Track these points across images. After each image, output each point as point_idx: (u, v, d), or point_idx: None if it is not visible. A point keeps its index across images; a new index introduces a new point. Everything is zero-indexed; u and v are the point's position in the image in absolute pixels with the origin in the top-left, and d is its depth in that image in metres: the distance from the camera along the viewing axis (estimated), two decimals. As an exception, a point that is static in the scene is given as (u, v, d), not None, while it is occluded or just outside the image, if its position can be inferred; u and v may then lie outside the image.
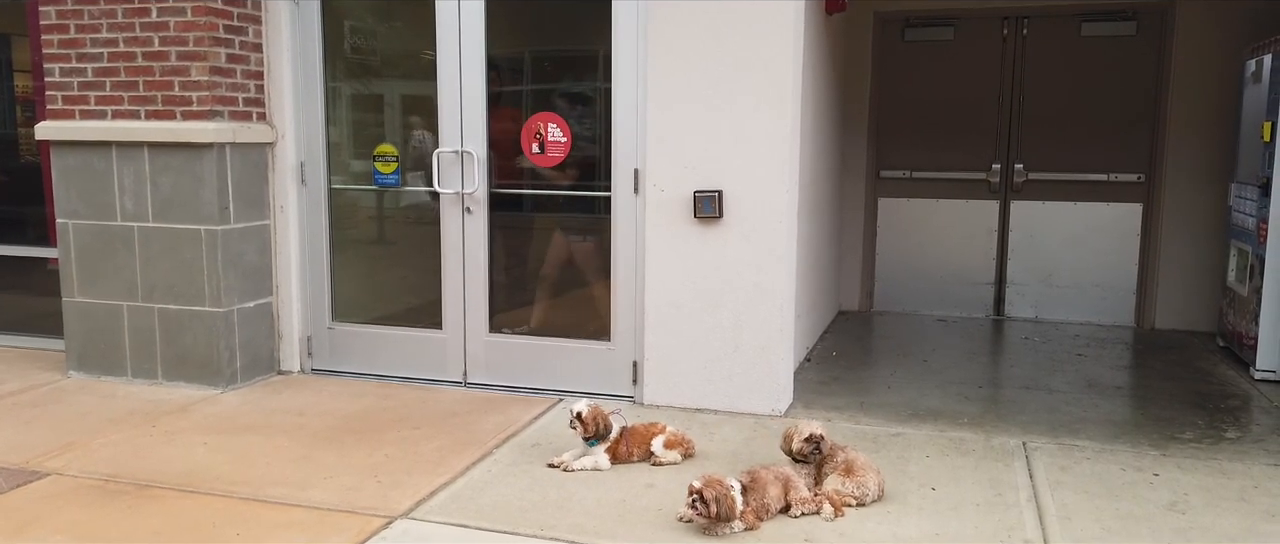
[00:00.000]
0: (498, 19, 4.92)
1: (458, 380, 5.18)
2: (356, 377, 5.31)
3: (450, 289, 5.14)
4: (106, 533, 3.37)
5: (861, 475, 3.57)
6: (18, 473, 3.93)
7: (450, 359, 5.20)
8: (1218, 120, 6.38)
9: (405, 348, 5.28)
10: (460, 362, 5.19)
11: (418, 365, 5.25)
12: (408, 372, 5.27)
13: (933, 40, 7.04)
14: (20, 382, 5.30)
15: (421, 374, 5.23)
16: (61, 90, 5.17)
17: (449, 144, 5.01)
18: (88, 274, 5.28)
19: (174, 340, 5.16)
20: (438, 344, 5.20)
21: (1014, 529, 3.38)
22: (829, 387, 5.23)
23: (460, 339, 5.17)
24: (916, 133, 7.14)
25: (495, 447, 4.22)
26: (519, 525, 3.41)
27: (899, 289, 7.33)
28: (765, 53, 4.42)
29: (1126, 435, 4.39)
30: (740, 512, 3.28)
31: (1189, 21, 6.41)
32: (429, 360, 5.23)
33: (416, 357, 5.25)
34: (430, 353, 5.22)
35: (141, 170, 5.07)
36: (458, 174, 5.01)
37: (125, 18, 4.99)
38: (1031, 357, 5.96)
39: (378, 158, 5.28)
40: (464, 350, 5.17)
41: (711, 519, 3.24)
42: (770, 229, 4.53)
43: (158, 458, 4.10)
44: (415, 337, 5.26)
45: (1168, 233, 6.63)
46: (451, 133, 5.01)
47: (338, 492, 3.71)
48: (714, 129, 4.53)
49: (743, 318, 4.61)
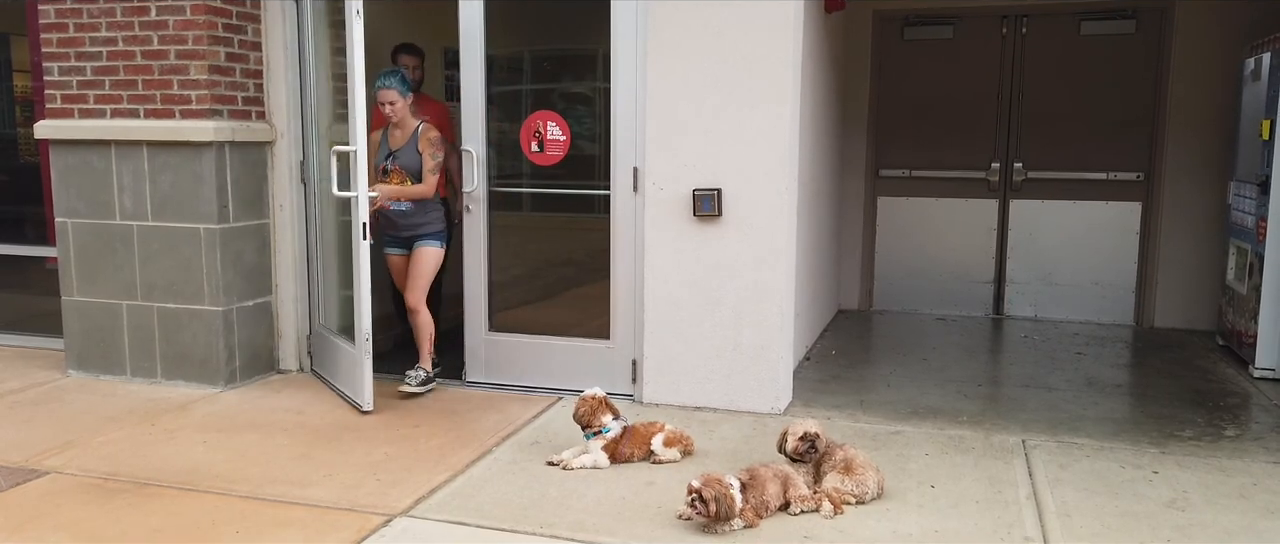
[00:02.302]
0: (497, 18, 4.92)
1: (456, 378, 5.18)
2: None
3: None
4: (106, 531, 3.37)
5: (861, 473, 3.56)
6: (17, 471, 3.93)
7: (453, 356, 5.20)
8: (1217, 118, 6.38)
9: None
10: (459, 359, 5.18)
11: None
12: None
13: (932, 39, 7.04)
14: (19, 380, 5.30)
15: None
16: (60, 89, 5.17)
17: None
18: (87, 273, 5.27)
19: (173, 339, 5.15)
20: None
21: (1013, 526, 3.38)
22: (828, 385, 5.23)
23: (460, 338, 5.17)
24: (916, 131, 7.14)
25: (495, 445, 4.22)
26: (519, 523, 3.41)
27: (898, 288, 7.33)
28: (764, 51, 4.42)
29: (1126, 433, 4.39)
30: (739, 509, 3.28)
31: (1188, 20, 6.42)
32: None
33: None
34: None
35: (140, 169, 5.07)
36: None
37: (124, 16, 4.99)
38: (1031, 355, 5.96)
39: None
40: (464, 348, 5.17)
41: (711, 518, 3.24)
42: (769, 227, 4.53)
43: (157, 456, 4.10)
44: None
45: (1167, 231, 6.63)
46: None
47: (337, 489, 3.71)
48: (713, 127, 4.53)
49: (742, 316, 4.61)
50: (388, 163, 4.81)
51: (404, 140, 4.81)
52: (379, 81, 4.68)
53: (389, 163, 4.81)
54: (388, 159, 4.81)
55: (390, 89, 4.68)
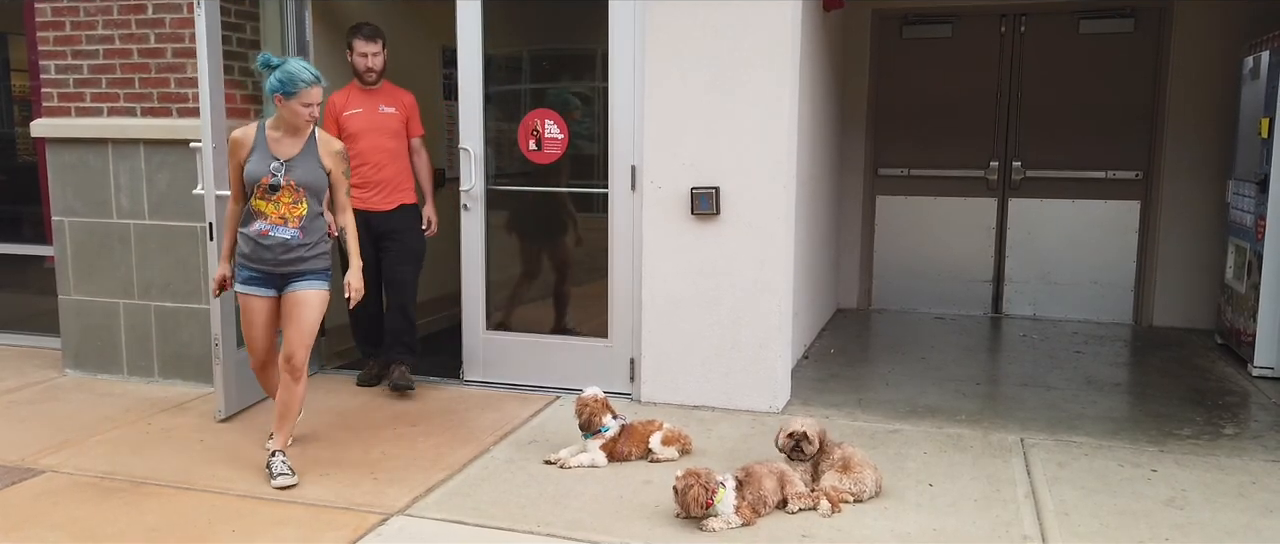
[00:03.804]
0: (495, 18, 4.91)
1: (454, 377, 5.17)
2: (353, 373, 5.30)
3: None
4: (102, 530, 3.36)
5: (858, 471, 3.56)
6: (13, 470, 3.92)
7: (447, 356, 5.19)
8: (1216, 117, 6.37)
9: (402, 345, 5.27)
10: (457, 358, 5.18)
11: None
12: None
13: (931, 37, 7.04)
14: (16, 379, 5.29)
15: (418, 371, 5.21)
16: (57, 87, 5.16)
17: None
18: (84, 272, 5.27)
19: (170, 338, 5.15)
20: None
21: (1012, 525, 3.37)
22: (827, 384, 5.23)
23: (458, 336, 5.16)
24: (914, 130, 7.13)
25: (492, 444, 4.22)
26: (516, 521, 3.40)
27: (897, 287, 7.33)
28: (763, 49, 4.41)
29: (1124, 432, 4.38)
30: (735, 507, 3.28)
31: (1187, 18, 6.41)
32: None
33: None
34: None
35: (138, 167, 5.06)
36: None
37: (121, 14, 4.98)
38: (1029, 354, 5.96)
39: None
40: (461, 347, 5.16)
41: (681, 509, 3.26)
42: (768, 226, 4.52)
43: (154, 455, 4.09)
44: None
45: (1166, 230, 6.62)
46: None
47: (334, 488, 3.70)
48: (711, 126, 4.52)
49: (741, 315, 4.60)
50: (278, 176, 3.71)
51: (297, 148, 3.75)
52: (303, 79, 3.62)
53: (279, 175, 3.71)
54: (279, 171, 3.71)
55: (317, 88, 3.67)
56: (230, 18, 5.00)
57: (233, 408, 4.59)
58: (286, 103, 3.64)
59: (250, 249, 3.75)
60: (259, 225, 3.72)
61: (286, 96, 3.63)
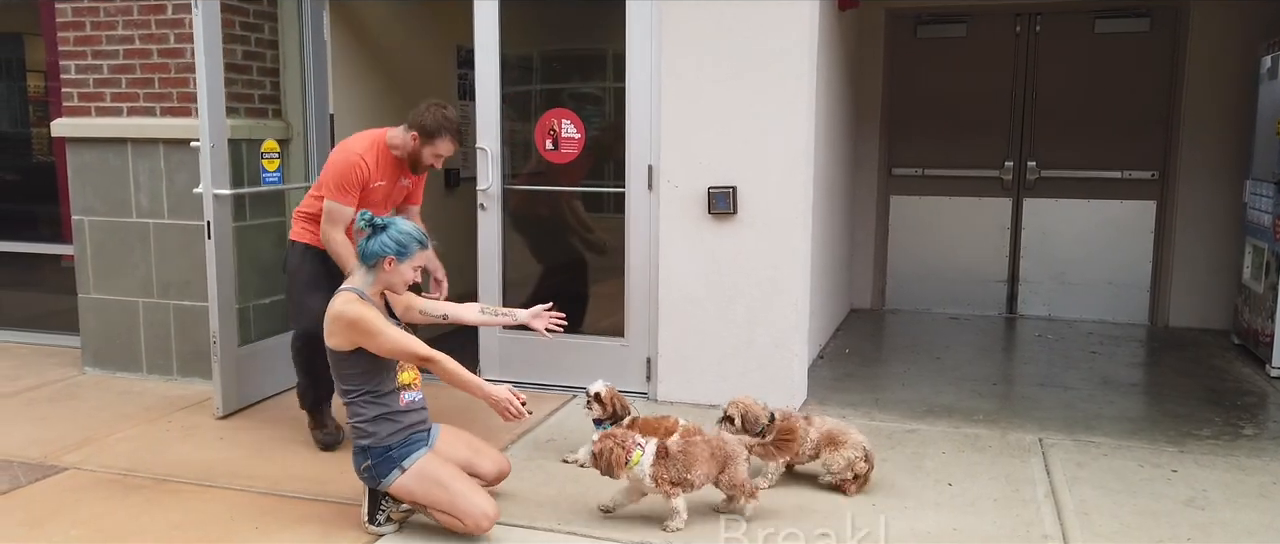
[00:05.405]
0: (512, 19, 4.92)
1: (472, 377, 5.18)
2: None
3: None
4: (125, 527, 3.39)
5: (847, 438, 3.57)
6: (36, 467, 3.95)
7: (465, 355, 5.20)
8: (1232, 117, 6.34)
9: (419, 344, 5.27)
10: (474, 358, 5.19)
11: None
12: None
13: (945, 37, 7.03)
14: (36, 378, 5.33)
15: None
16: (77, 87, 5.19)
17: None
18: (103, 271, 5.30)
19: (189, 336, 5.17)
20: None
21: (1032, 525, 3.37)
22: (843, 383, 5.22)
23: (475, 335, 5.17)
24: (929, 130, 7.12)
25: (510, 443, 4.23)
26: (536, 519, 3.42)
27: (911, 287, 7.31)
28: (779, 50, 4.41)
29: (1143, 432, 4.37)
30: (651, 474, 3.23)
31: (1203, 18, 6.38)
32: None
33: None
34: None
35: (157, 167, 5.09)
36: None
37: (141, 15, 5.01)
38: (1045, 354, 5.94)
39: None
40: (478, 346, 5.18)
41: (603, 470, 3.27)
42: (785, 225, 4.52)
43: (175, 453, 4.12)
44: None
45: (1182, 230, 6.60)
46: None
47: (356, 486, 3.70)
48: (728, 125, 4.52)
49: (757, 314, 4.60)
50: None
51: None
52: (420, 240, 3.40)
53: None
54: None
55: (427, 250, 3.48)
56: (248, 18, 5.04)
57: (232, 406, 4.62)
58: (398, 266, 3.35)
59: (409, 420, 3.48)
60: (408, 397, 3.53)
61: (400, 259, 3.34)
